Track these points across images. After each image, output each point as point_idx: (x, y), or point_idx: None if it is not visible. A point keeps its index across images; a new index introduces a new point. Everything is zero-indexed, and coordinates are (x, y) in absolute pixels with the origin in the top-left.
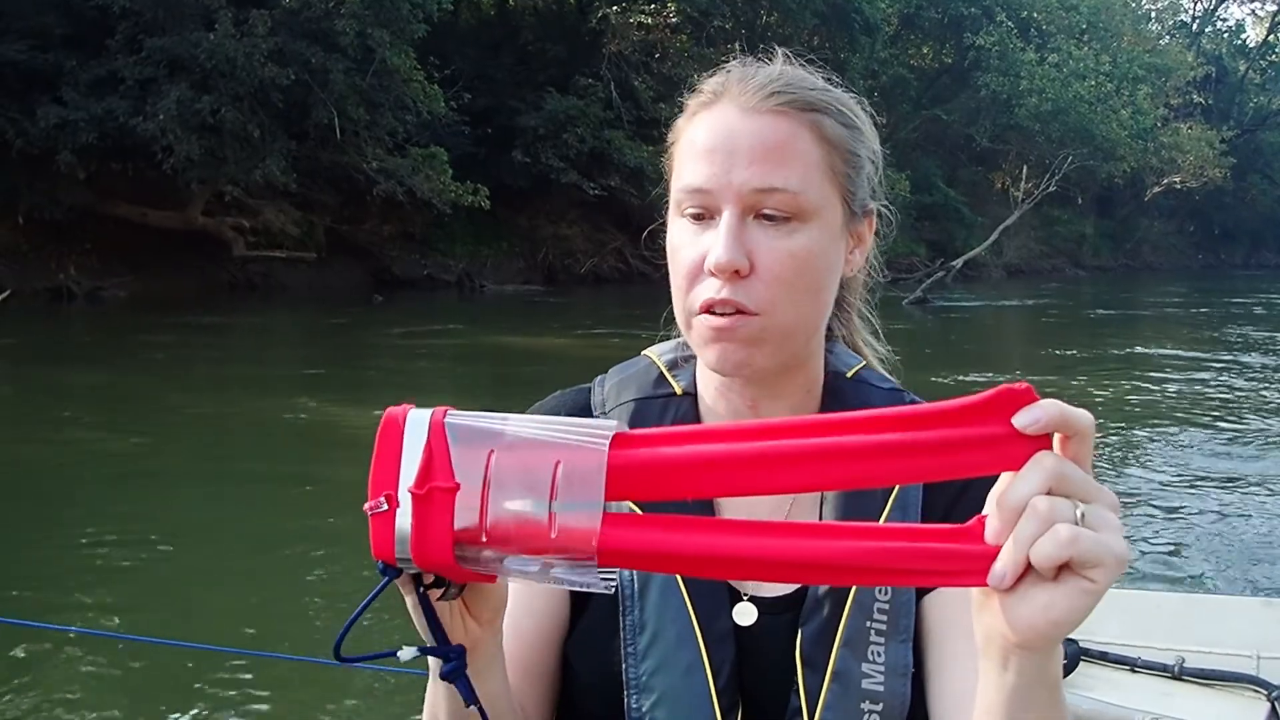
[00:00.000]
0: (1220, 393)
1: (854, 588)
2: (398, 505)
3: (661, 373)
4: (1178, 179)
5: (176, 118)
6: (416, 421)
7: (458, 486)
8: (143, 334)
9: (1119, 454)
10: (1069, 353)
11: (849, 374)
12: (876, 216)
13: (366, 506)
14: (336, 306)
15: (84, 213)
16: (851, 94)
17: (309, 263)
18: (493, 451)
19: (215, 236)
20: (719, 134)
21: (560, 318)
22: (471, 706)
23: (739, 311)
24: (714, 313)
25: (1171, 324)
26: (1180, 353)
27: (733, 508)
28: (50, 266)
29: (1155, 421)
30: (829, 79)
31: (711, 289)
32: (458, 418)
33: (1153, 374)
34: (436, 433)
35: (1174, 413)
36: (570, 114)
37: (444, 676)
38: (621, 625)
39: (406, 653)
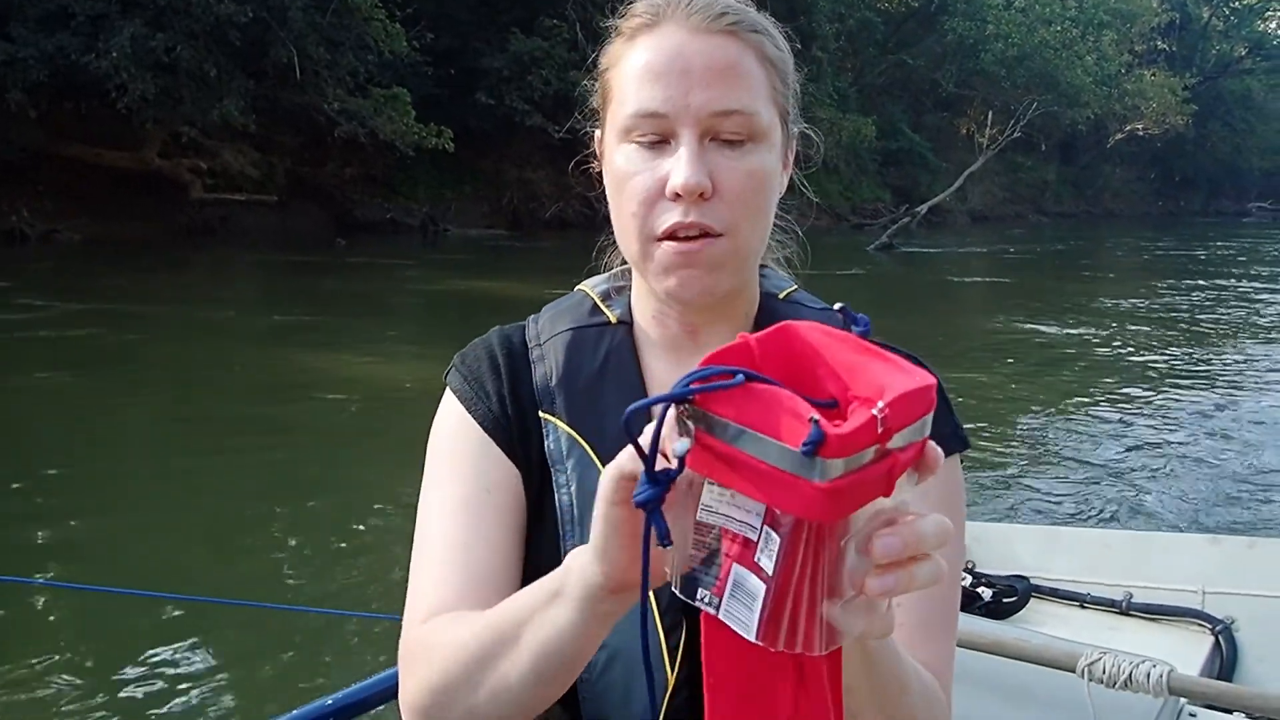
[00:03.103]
0: (1171, 335)
1: None
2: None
3: (595, 303)
4: (1140, 126)
5: (130, 55)
6: None
7: None
8: (99, 278)
9: (1071, 393)
10: (1031, 295)
11: (781, 295)
12: (798, 140)
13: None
14: (298, 250)
15: (36, 153)
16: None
17: (269, 205)
18: None
19: (172, 178)
20: (670, 55)
21: (524, 262)
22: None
23: (704, 234)
24: (678, 238)
25: (1131, 269)
26: (1134, 296)
27: None
28: (2, 208)
29: (1110, 362)
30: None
31: (675, 213)
32: None
33: (1106, 317)
34: None
35: (1128, 354)
36: (535, 55)
37: (639, 503)
38: (562, 550)
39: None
